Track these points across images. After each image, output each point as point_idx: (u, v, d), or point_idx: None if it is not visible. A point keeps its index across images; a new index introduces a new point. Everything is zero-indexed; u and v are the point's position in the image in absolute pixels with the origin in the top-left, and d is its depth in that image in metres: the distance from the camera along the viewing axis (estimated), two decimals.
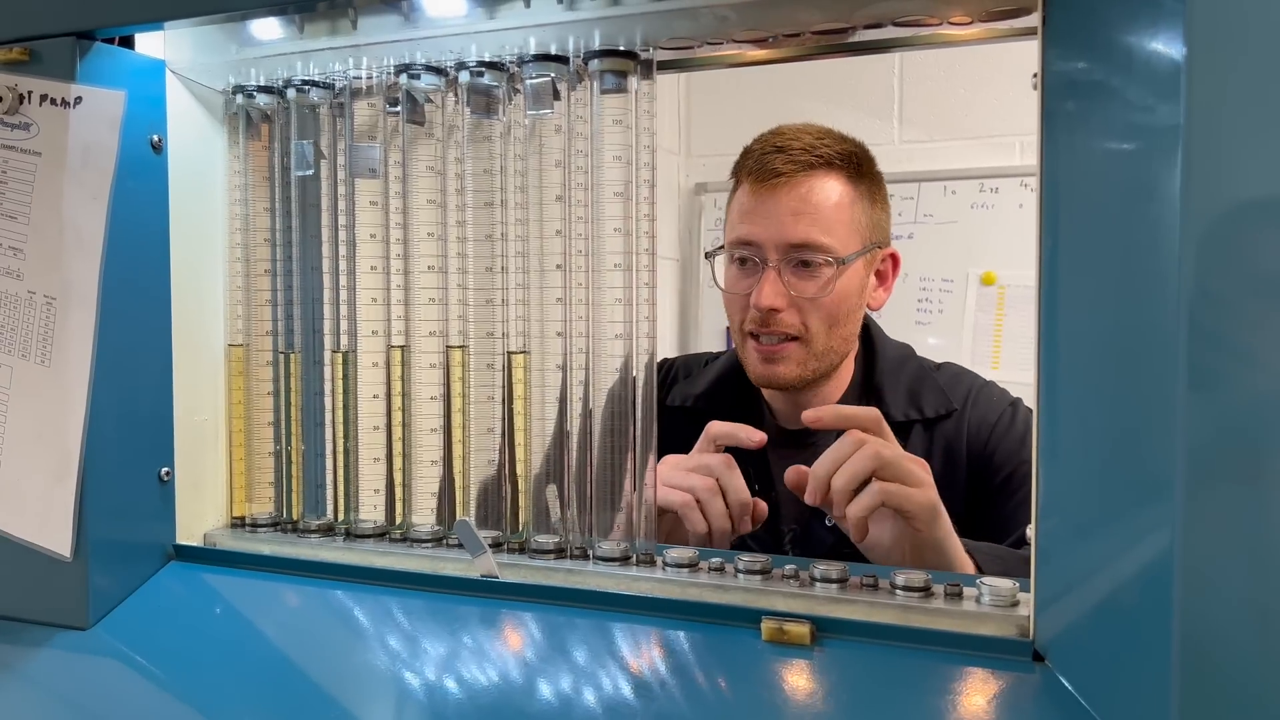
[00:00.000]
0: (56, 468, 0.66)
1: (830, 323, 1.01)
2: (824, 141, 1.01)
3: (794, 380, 1.02)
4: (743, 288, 1.02)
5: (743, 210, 1.02)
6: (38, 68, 0.66)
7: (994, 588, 0.56)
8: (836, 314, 1.01)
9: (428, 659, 0.60)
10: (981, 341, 2.37)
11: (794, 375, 1.02)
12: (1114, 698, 0.46)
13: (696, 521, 0.79)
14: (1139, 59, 0.44)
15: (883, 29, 0.60)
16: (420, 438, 0.71)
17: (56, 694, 0.64)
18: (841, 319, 1.02)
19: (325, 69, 0.72)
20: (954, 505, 1.00)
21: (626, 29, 0.62)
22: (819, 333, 1.01)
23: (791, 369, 1.01)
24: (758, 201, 1.01)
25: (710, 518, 0.79)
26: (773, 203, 1.00)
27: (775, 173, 0.99)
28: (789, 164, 0.99)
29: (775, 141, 1.02)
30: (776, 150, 1.01)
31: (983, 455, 1.03)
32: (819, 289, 0.99)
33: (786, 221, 0.99)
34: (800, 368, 1.01)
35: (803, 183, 0.99)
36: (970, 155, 2.35)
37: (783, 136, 1.02)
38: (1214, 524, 0.40)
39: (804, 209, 0.99)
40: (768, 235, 0.99)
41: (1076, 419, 0.50)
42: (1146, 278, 0.43)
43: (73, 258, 0.66)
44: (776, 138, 1.02)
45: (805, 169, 1.00)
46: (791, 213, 0.99)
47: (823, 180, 1.00)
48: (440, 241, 0.70)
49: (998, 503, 1.02)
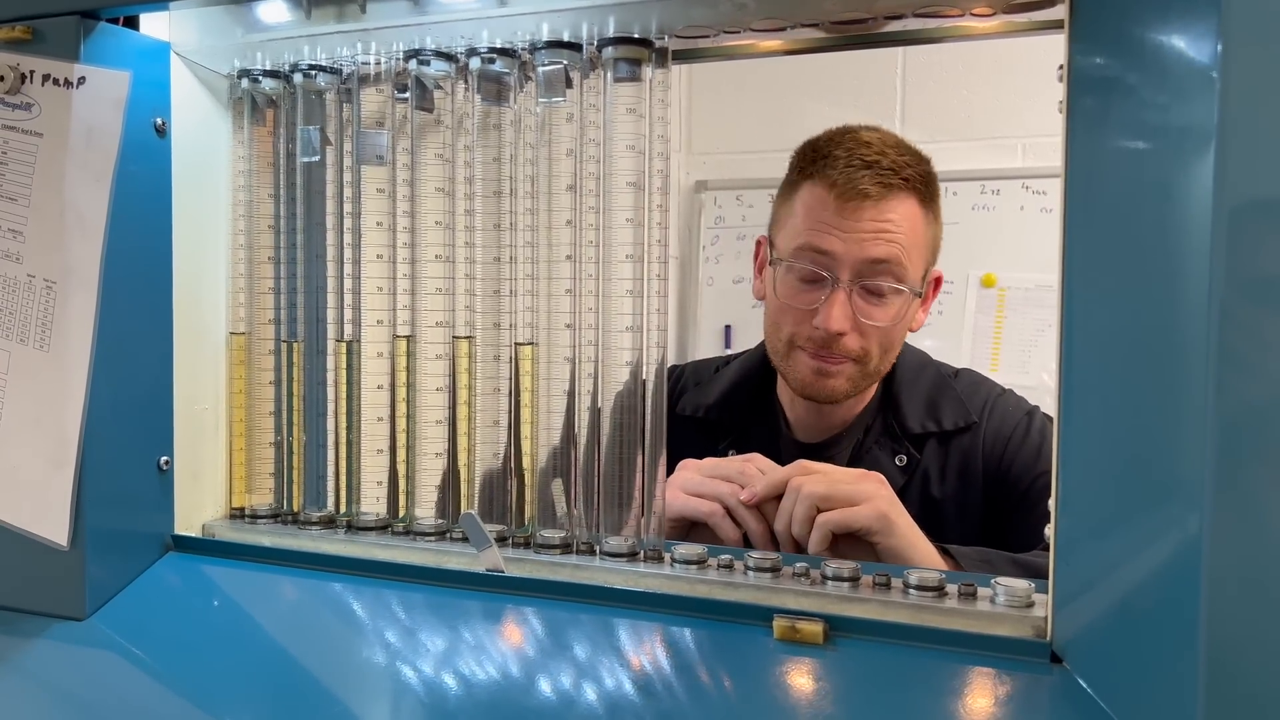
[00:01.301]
0: (54, 455, 0.65)
1: (887, 347, 1.00)
2: (906, 159, 0.98)
3: (842, 396, 1.01)
4: (804, 301, 0.98)
5: (819, 219, 0.97)
6: (40, 47, 0.65)
7: (1009, 588, 0.55)
8: (895, 340, 1.01)
9: (430, 654, 0.59)
10: (981, 344, 2.37)
11: (844, 391, 1.00)
12: (1136, 701, 0.45)
13: (729, 530, 0.79)
14: (1171, 54, 0.43)
15: (903, 20, 0.59)
16: (425, 429, 0.70)
17: (53, 685, 0.63)
18: (896, 343, 1.02)
19: (333, 54, 0.71)
20: (971, 519, 1.00)
21: (642, 16, 0.61)
22: (875, 357, 1.00)
23: (842, 384, 1.00)
24: (839, 217, 0.96)
25: (743, 523, 0.79)
26: (854, 221, 0.96)
27: (864, 193, 0.95)
28: (878, 185, 0.95)
29: (862, 154, 0.97)
30: (865, 165, 0.96)
31: (999, 469, 1.02)
32: (888, 318, 0.97)
33: (867, 239, 0.95)
34: (851, 384, 1.00)
35: (887, 207, 0.96)
36: (972, 157, 2.35)
37: (869, 149, 0.97)
38: (1241, 522, 0.39)
39: (885, 229, 0.96)
40: (846, 251, 0.96)
41: (1098, 416, 0.49)
42: (1174, 274, 0.42)
43: (74, 241, 0.64)
44: (862, 149, 0.97)
45: (891, 191, 0.96)
46: (874, 231, 0.96)
47: (904, 203, 0.97)
48: (448, 230, 0.69)
49: (1017, 517, 1.00)
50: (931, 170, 1.01)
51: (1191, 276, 0.41)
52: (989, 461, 1.02)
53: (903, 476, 1.01)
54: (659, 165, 0.63)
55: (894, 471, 1.01)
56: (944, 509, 1.01)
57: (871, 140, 0.98)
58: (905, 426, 1.03)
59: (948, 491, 1.01)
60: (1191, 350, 0.41)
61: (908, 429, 1.03)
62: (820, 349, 0.98)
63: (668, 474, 0.69)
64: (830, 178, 0.97)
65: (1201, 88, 0.40)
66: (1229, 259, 0.39)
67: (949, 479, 0.98)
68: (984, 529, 1.00)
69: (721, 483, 0.79)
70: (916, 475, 1.02)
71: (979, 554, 0.81)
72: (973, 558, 0.80)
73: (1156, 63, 0.45)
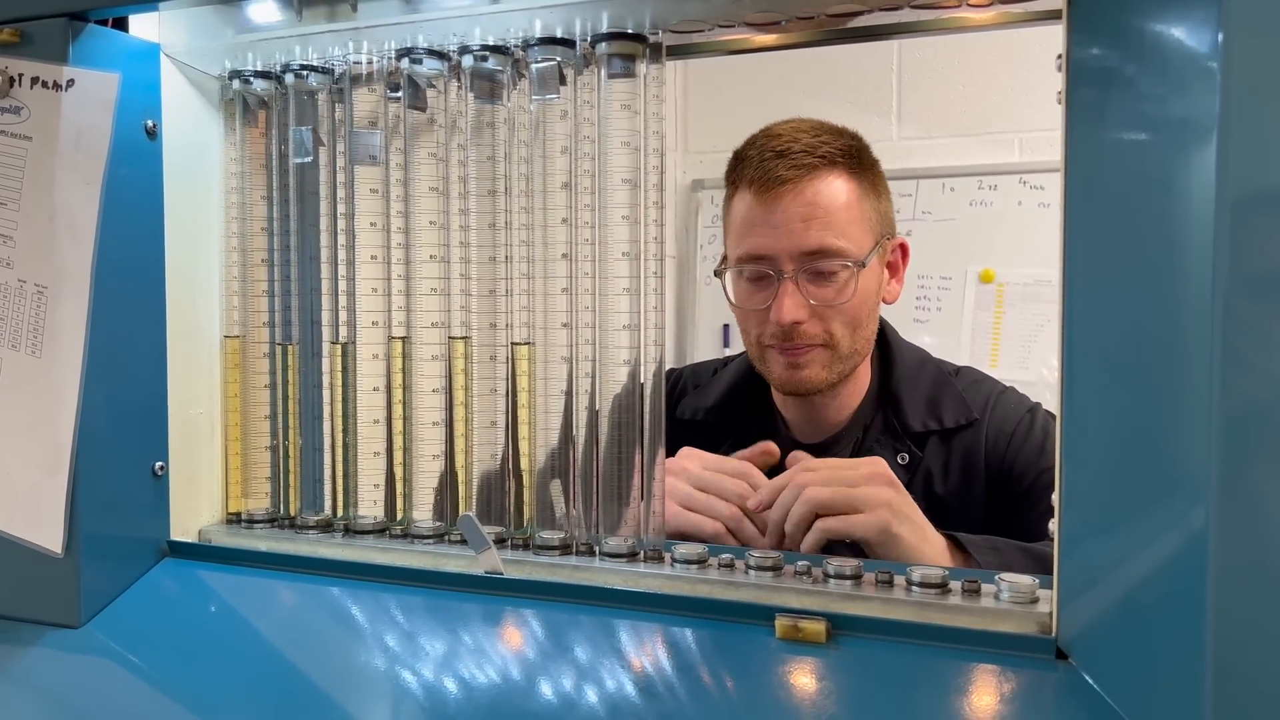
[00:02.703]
0: (48, 461, 0.64)
1: (854, 326, 0.99)
2: (822, 139, 0.97)
3: (821, 385, 1.00)
4: (758, 301, 0.99)
5: (748, 222, 0.98)
6: (29, 49, 0.64)
7: (1013, 584, 0.55)
8: (859, 316, 0.99)
9: (429, 657, 0.58)
10: (980, 339, 2.36)
11: (821, 380, 1.00)
12: (1143, 696, 0.45)
13: (733, 543, 0.79)
14: (1171, 44, 0.43)
15: (899, 12, 0.58)
16: (421, 431, 0.69)
17: (47, 694, 0.62)
18: (864, 320, 1.00)
19: (324, 53, 0.70)
20: (974, 517, 0.99)
21: (635, 11, 0.60)
22: (843, 337, 0.99)
23: (818, 373, 0.99)
24: (765, 211, 0.96)
25: (746, 541, 0.79)
26: (780, 212, 0.96)
27: (780, 179, 0.95)
28: (792, 169, 0.95)
29: (773, 145, 0.97)
30: (777, 155, 0.96)
31: (1002, 466, 1.02)
32: (839, 295, 0.97)
33: (798, 229, 0.95)
34: (826, 371, 1.00)
35: (808, 187, 0.95)
36: (969, 152, 2.35)
37: (779, 139, 0.97)
38: (1247, 516, 0.39)
39: (814, 214, 0.95)
40: (780, 246, 0.95)
41: (1101, 411, 0.49)
42: (1177, 267, 0.42)
43: (64, 245, 0.64)
44: (773, 141, 0.98)
45: (809, 171, 0.96)
46: (802, 220, 0.95)
47: (828, 181, 0.96)
48: (442, 230, 0.68)
49: (1019, 514, 1.00)
50: (858, 144, 1.00)
51: (1194, 269, 0.40)
52: (992, 458, 1.02)
53: (905, 475, 1.00)
54: (654, 162, 0.63)
55: (897, 470, 1.01)
56: (947, 506, 1.00)
57: (782, 131, 0.99)
58: (906, 425, 1.03)
59: (950, 489, 1.01)
60: (1195, 343, 0.40)
61: (909, 427, 1.03)
62: (785, 343, 0.98)
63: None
64: (748, 177, 0.98)
65: (1202, 78, 0.40)
66: (1232, 251, 0.38)
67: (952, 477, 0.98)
68: (987, 526, 0.99)
69: (720, 503, 0.79)
70: (919, 473, 1.01)
71: (988, 542, 0.81)
72: (982, 546, 0.80)
73: (1156, 53, 0.44)
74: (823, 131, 0.99)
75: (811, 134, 0.98)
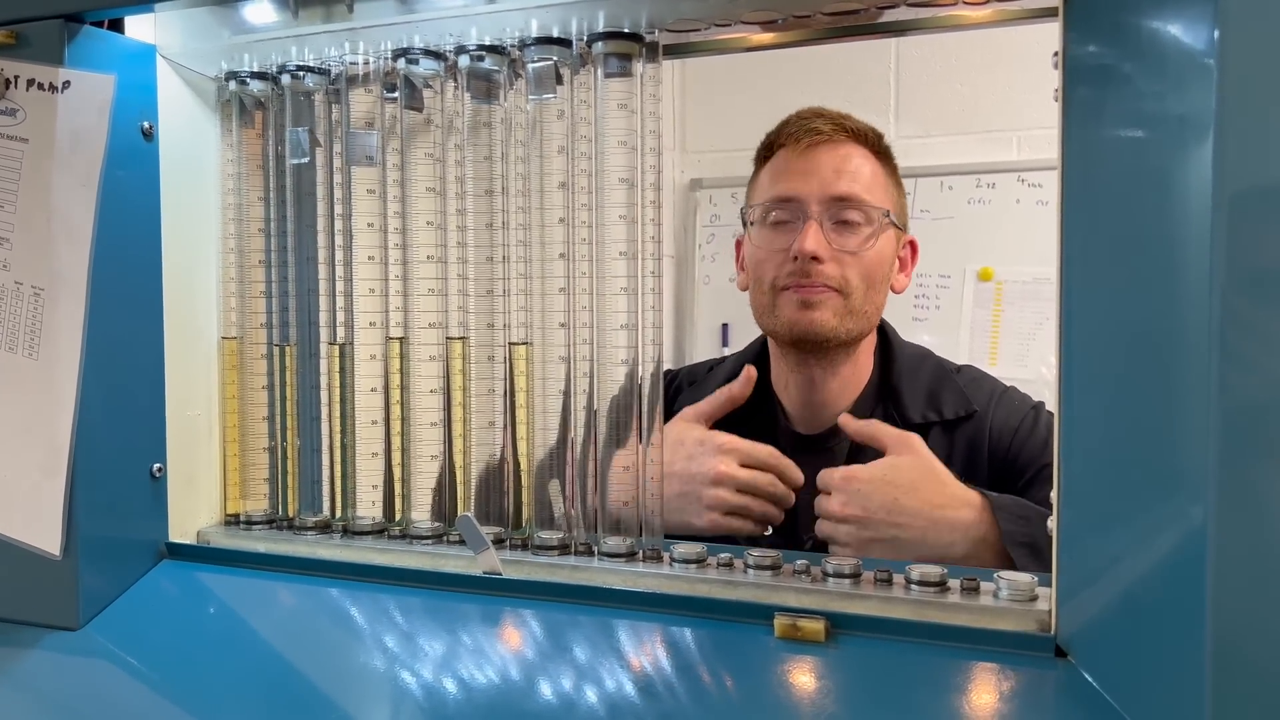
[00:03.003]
0: (45, 464, 0.64)
1: (868, 281, 1.02)
2: (852, 121, 1.06)
3: (828, 332, 1.01)
4: (781, 243, 1.02)
5: (781, 170, 1.04)
6: (24, 51, 0.64)
7: (1012, 582, 0.55)
8: (874, 273, 1.02)
9: (428, 658, 0.58)
10: (979, 338, 2.36)
11: (830, 326, 1.01)
12: (1143, 693, 0.45)
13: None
14: (1167, 41, 0.43)
15: (896, 10, 0.58)
16: (419, 432, 0.69)
17: (47, 697, 0.62)
18: (878, 282, 1.03)
19: (320, 54, 0.70)
20: None
21: (631, 10, 0.60)
22: (857, 288, 1.01)
23: (828, 318, 1.01)
24: (800, 159, 1.03)
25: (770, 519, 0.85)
26: (814, 160, 1.02)
27: (818, 132, 1.02)
28: (832, 127, 1.03)
29: (812, 113, 1.05)
30: (817, 117, 1.04)
31: (1006, 458, 1.02)
32: (860, 244, 1.01)
33: (829, 177, 1.01)
34: (837, 319, 1.01)
35: (842, 146, 1.03)
36: (967, 150, 2.34)
37: (818, 114, 1.06)
38: (1246, 513, 0.39)
39: (845, 168, 1.02)
40: (809, 189, 1.01)
41: (1099, 408, 0.49)
42: (1174, 263, 0.42)
43: (61, 247, 0.64)
44: (812, 112, 1.06)
45: (845, 137, 1.03)
46: (834, 169, 1.01)
47: (858, 150, 1.04)
48: (440, 230, 0.68)
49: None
50: (884, 137, 1.08)
51: (1192, 266, 0.40)
52: (995, 451, 1.02)
53: None
54: (651, 161, 0.63)
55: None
56: None
57: (819, 110, 1.07)
58: (906, 417, 1.03)
59: None
60: (1193, 340, 0.40)
61: (909, 419, 1.03)
62: (802, 280, 1.00)
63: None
64: (787, 134, 1.05)
65: (1198, 75, 0.39)
66: (1229, 247, 0.38)
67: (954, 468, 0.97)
68: None
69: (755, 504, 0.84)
70: None
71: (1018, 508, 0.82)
72: (1011, 513, 0.81)
73: (1153, 50, 0.44)
74: (852, 119, 1.07)
75: (844, 117, 1.06)
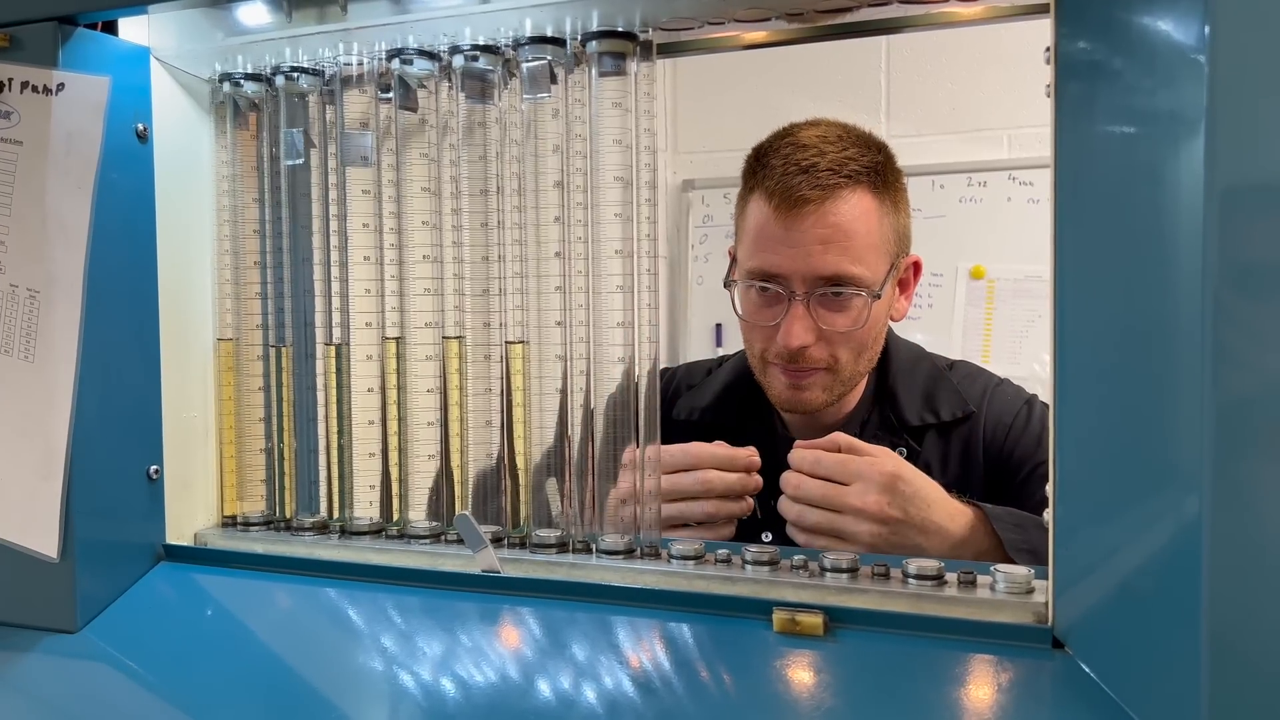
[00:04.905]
0: (42, 466, 0.64)
1: (859, 351, 0.98)
2: (849, 155, 0.93)
3: (819, 406, 0.99)
4: (766, 318, 0.96)
5: (764, 236, 0.94)
6: (18, 54, 0.64)
7: (1009, 574, 0.55)
8: (866, 342, 0.98)
9: (427, 657, 0.58)
10: (972, 336, 2.37)
11: (820, 402, 0.99)
12: (1140, 684, 0.45)
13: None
14: (1158, 37, 0.43)
15: (887, 7, 0.58)
16: (416, 431, 0.69)
17: (44, 700, 0.62)
18: (870, 345, 0.99)
19: (314, 55, 0.70)
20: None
21: (625, 8, 0.61)
22: (847, 362, 0.97)
23: (818, 395, 0.98)
24: (782, 229, 0.92)
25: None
26: (798, 232, 0.92)
27: (802, 199, 0.91)
28: (815, 188, 0.91)
29: (798, 159, 0.92)
30: (801, 171, 0.91)
31: (1000, 456, 1.02)
32: (851, 322, 0.94)
33: (815, 252, 0.91)
34: (826, 394, 0.99)
35: (830, 208, 0.91)
36: (958, 149, 2.35)
37: (806, 152, 0.93)
38: (1241, 504, 0.39)
39: (834, 238, 0.91)
40: (795, 267, 0.92)
41: (1093, 402, 0.49)
42: (1167, 259, 0.42)
43: (56, 249, 0.64)
44: (799, 154, 0.93)
45: (832, 191, 0.91)
46: (820, 242, 0.91)
47: (850, 200, 0.92)
48: (435, 230, 0.68)
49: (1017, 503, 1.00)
50: (885, 158, 0.97)
51: (1184, 261, 0.40)
52: (990, 449, 1.02)
53: None
54: (646, 159, 0.63)
55: None
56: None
57: (810, 141, 0.94)
58: (903, 419, 1.03)
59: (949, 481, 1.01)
60: (1186, 334, 0.40)
61: (906, 422, 1.03)
62: (789, 364, 0.97)
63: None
64: (769, 188, 0.93)
65: (1190, 71, 0.40)
66: (1222, 243, 0.39)
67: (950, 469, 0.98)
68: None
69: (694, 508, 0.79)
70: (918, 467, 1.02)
71: (1011, 517, 0.80)
72: (1006, 522, 0.79)
73: (1144, 46, 0.44)
74: (850, 144, 0.95)
75: (839, 147, 0.94)
